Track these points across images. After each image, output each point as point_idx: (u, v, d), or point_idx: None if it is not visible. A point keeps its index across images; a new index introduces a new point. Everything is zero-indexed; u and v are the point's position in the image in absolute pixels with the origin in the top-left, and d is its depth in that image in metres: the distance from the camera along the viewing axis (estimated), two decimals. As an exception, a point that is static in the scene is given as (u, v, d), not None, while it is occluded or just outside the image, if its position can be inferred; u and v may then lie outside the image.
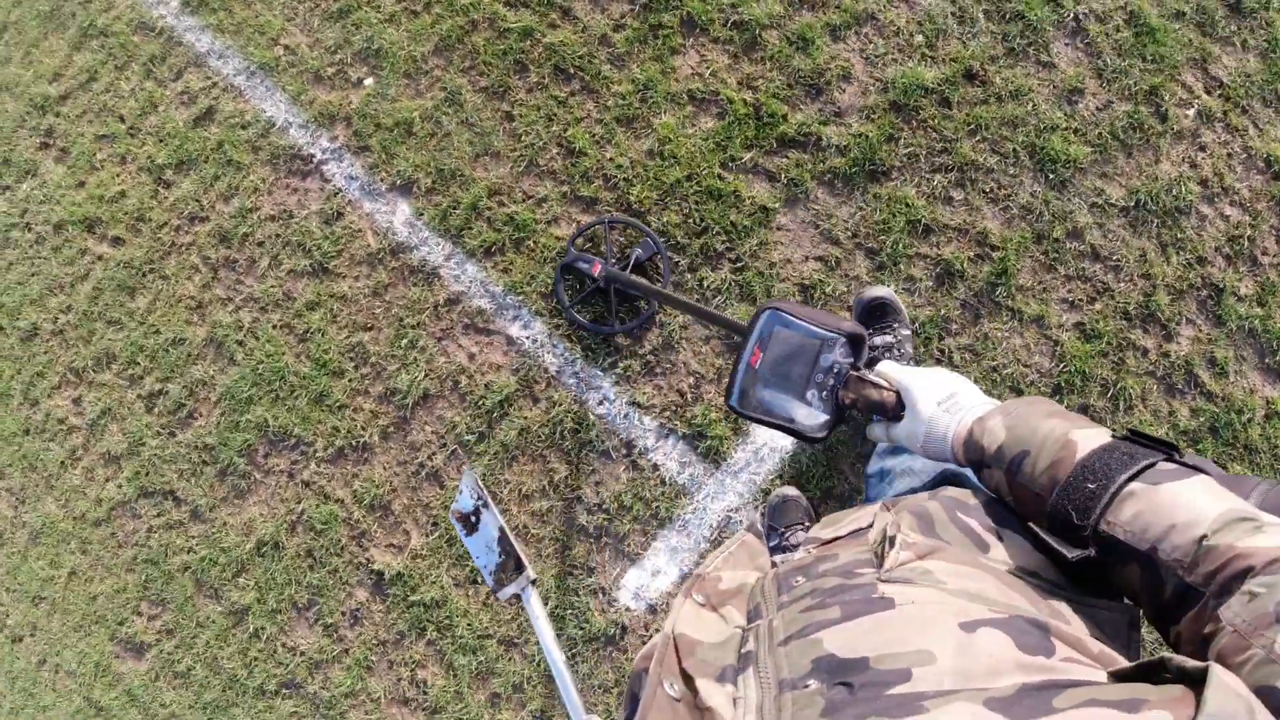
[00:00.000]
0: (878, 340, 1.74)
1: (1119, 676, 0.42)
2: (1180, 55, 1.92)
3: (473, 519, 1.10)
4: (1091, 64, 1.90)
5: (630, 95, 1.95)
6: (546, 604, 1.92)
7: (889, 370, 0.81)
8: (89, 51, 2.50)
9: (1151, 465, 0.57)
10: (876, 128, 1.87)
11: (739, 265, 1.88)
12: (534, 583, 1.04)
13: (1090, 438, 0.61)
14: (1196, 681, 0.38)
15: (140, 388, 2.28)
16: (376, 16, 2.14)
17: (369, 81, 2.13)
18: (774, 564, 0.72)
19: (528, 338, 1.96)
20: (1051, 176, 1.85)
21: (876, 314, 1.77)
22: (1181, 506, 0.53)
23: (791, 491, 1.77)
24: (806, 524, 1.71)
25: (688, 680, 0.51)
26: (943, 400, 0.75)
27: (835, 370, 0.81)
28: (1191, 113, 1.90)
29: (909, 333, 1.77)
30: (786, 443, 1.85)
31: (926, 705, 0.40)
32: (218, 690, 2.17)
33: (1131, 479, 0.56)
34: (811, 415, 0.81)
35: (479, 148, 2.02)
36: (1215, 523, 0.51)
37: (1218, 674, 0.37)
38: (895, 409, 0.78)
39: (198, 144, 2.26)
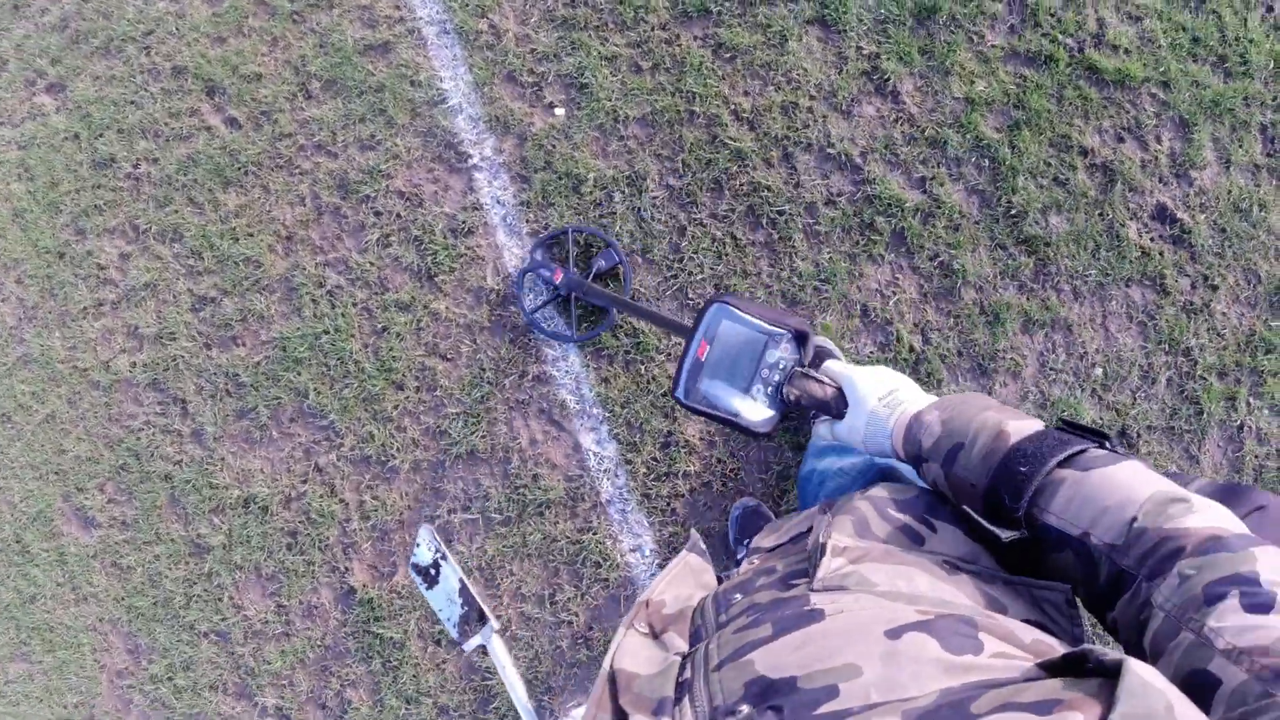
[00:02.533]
0: None
1: (1047, 667, 0.41)
2: (1315, 500, 1.90)
3: (432, 572, 1.10)
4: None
5: (808, 277, 1.84)
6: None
7: (833, 367, 0.82)
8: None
9: (1083, 451, 0.57)
10: (1016, 435, 1.82)
11: (824, 495, 1.83)
12: (498, 632, 1.05)
13: (1023, 427, 0.62)
14: (1114, 675, 0.36)
15: (194, 282, 2.15)
16: (599, 49, 1.95)
17: (560, 112, 1.96)
18: (720, 579, 0.72)
19: (595, 454, 1.90)
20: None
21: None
22: (1112, 490, 0.53)
23: (751, 502, 1.80)
24: None
25: (622, 718, 0.49)
26: (883, 396, 0.76)
27: (781, 366, 0.82)
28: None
29: None
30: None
31: None
32: (148, 602, 2.15)
33: (1063, 464, 0.57)
34: (756, 410, 0.82)
35: (637, 244, 1.90)
36: (1146, 504, 0.51)
37: (1132, 670, 0.35)
38: (838, 406, 0.79)
39: (358, 73, 2.06)
